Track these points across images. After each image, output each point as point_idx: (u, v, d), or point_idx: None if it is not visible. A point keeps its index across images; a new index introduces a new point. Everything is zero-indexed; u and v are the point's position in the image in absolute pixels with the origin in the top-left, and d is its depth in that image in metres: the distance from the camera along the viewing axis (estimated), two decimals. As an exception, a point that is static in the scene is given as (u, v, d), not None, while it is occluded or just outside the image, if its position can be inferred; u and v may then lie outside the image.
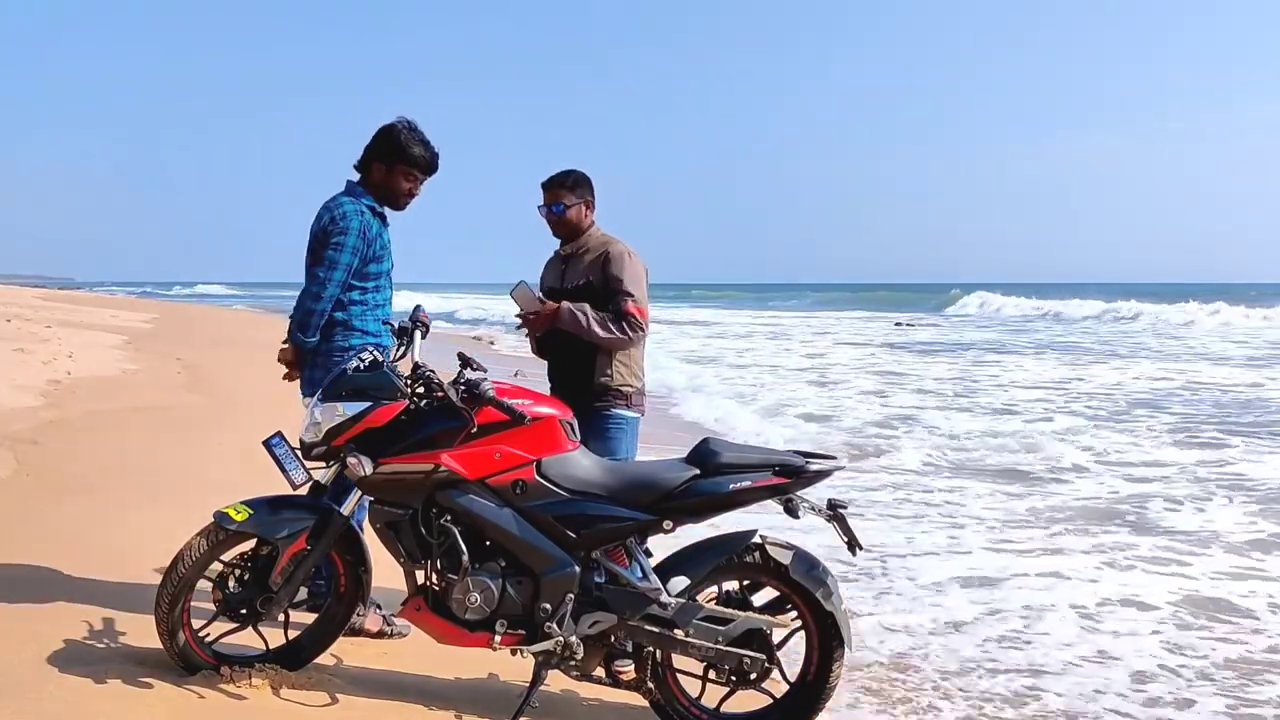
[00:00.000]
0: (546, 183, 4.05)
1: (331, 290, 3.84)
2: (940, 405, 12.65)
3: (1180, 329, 31.09)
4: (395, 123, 3.95)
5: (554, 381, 4.09)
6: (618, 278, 3.93)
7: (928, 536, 6.39)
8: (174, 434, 8.30)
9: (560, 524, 3.24)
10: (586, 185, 4.08)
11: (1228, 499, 7.40)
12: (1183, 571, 5.72)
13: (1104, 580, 5.52)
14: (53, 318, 20.77)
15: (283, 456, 3.32)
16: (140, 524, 5.30)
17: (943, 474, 8.46)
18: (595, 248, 4.03)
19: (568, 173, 4.06)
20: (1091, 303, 41.61)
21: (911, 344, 25.45)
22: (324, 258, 3.84)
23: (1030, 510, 7.14)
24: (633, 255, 4.00)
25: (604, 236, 4.08)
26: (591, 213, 4.11)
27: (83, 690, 3.11)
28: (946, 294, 56.56)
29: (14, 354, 12.28)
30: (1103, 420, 11.33)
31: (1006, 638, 4.71)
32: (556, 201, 4.02)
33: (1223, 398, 13.48)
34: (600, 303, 3.93)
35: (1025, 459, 9.00)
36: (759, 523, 3.57)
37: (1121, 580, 5.53)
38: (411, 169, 3.97)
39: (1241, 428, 10.76)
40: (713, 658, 3.31)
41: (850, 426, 10.86)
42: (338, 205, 3.91)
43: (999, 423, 11.08)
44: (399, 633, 3.98)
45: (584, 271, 4.00)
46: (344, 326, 3.92)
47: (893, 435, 10.28)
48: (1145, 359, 19.91)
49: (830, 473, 3.38)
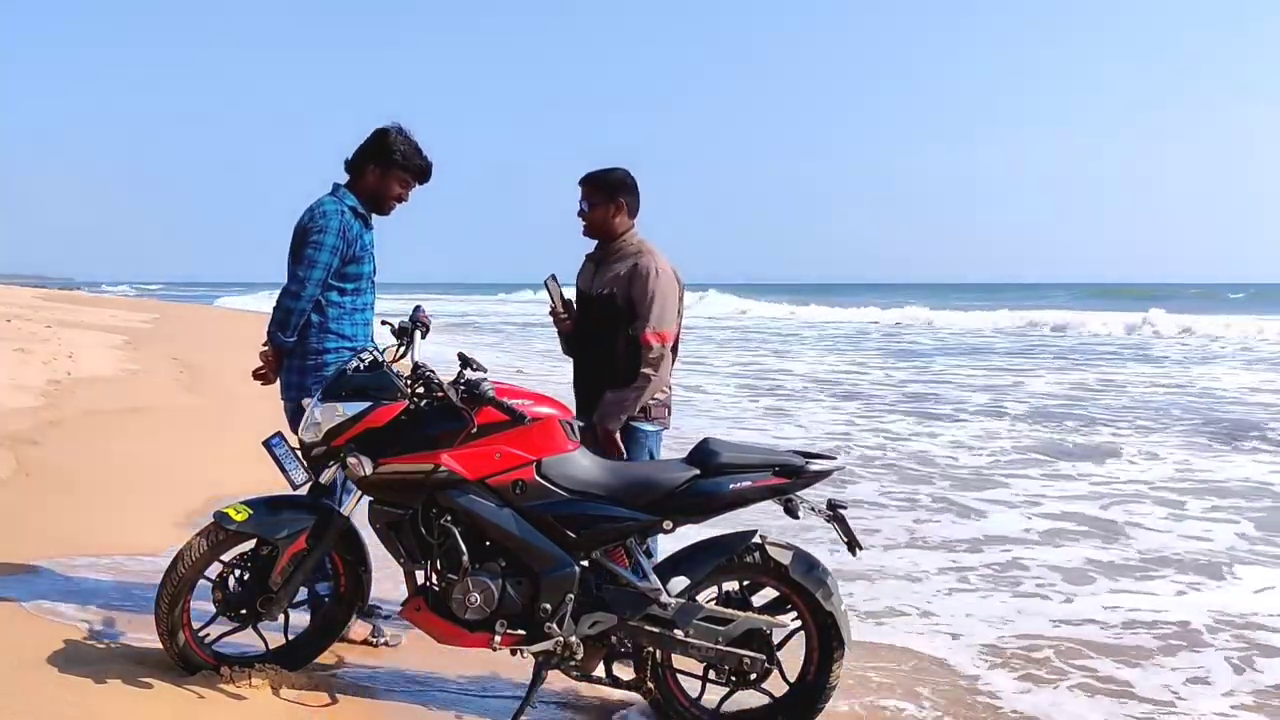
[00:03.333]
0: (582, 179, 3.98)
1: (310, 290, 3.79)
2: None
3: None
4: (390, 127, 3.91)
5: (578, 394, 4.04)
6: (640, 298, 3.82)
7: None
8: (174, 434, 8.30)
9: (560, 524, 3.24)
10: (625, 189, 3.95)
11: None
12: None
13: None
14: (53, 318, 20.77)
15: (283, 456, 3.32)
16: (140, 524, 5.31)
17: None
18: (627, 257, 3.91)
19: (607, 171, 3.95)
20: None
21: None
22: (303, 256, 3.79)
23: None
24: (660, 272, 3.85)
25: (638, 246, 3.95)
26: (625, 217, 3.96)
27: (83, 690, 3.11)
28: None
29: (14, 354, 12.28)
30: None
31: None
32: (585, 199, 3.94)
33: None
34: (625, 319, 3.84)
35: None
36: (759, 523, 3.57)
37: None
38: (407, 176, 3.94)
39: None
40: (713, 658, 3.30)
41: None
42: (319, 205, 3.87)
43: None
44: (385, 643, 3.92)
45: (611, 281, 3.90)
46: (319, 329, 3.86)
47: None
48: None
49: (830, 473, 3.38)
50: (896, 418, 11.30)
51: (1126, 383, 15.29)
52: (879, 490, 7.43)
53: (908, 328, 32.60)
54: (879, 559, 5.64)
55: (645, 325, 3.82)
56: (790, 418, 11.24)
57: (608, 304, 3.89)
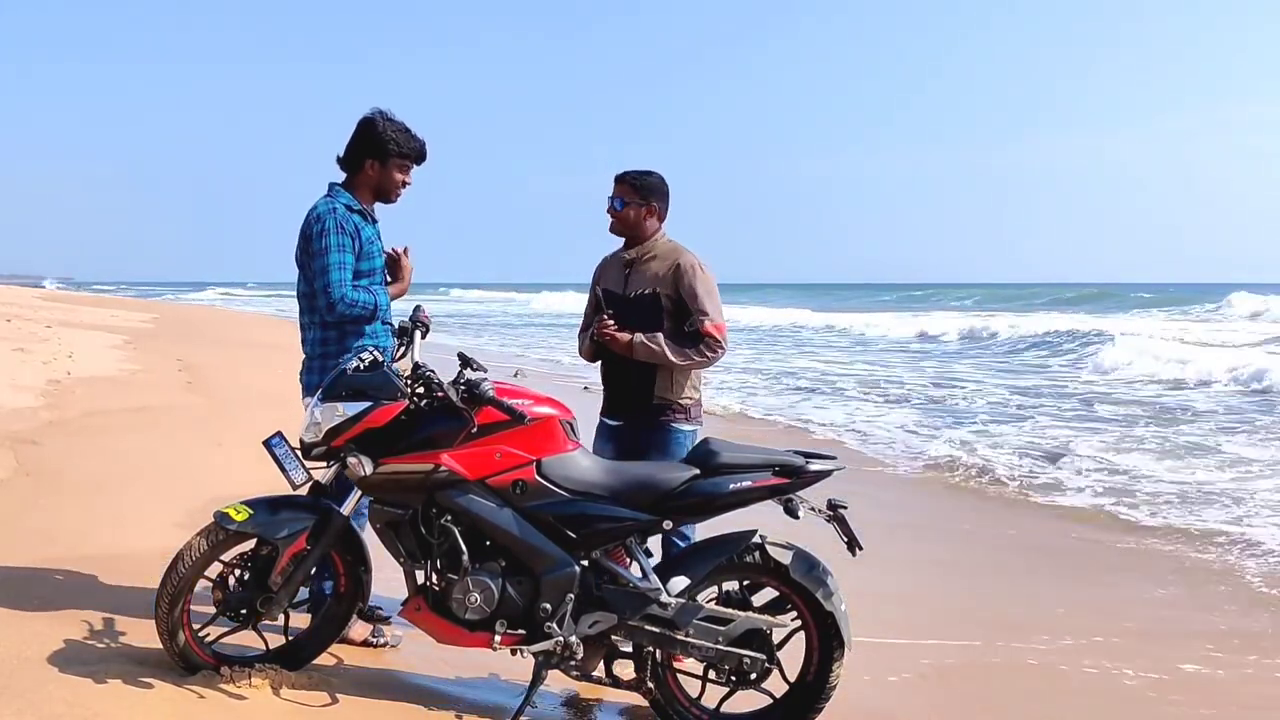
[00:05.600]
0: (618, 175, 3.99)
1: (340, 291, 3.71)
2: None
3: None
4: (374, 116, 3.86)
5: (610, 392, 4.03)
6: (693, 293, 3.86)
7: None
8: (174, 434, 8.29)
9: (560, 524, 3.24)
10: (659, 193, 3.97)
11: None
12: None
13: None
14: (53, 318, 20.78)
15: (283, 456, 3.32)
16: (140, 524, 5.30)
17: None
18: (663, 256, 3.94)
19: (645, 173, 3.98)
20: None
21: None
22: (317, 268, 3.74)
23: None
24: (704, 267, 3.92)
25: (672, 245, 3.99)
26: (656, 220, 3.99)
27: (83, 690, 3.11)
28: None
29: (14, 354, 12.28)
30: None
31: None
32: (619, 195, 3.95)
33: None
34: (672, 317, 3.88)
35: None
36: (759, 523, 3.57)
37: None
38: (405, 160, 3.92)
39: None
40: (713, 658, 3.30)
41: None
42: (311, 210, 3.83)
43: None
44: (385, 643, 3.92)
45: (650, 280, 3.91)
46: (339, 329, 3.82)
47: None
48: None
49: (830, 473, 3.37)
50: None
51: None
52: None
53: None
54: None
55: (707, 318, 3.86)
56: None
57: (651, 303, 3.89)
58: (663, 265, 3.92)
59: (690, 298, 3.86)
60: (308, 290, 3.85)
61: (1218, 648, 4.58)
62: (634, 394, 3.91)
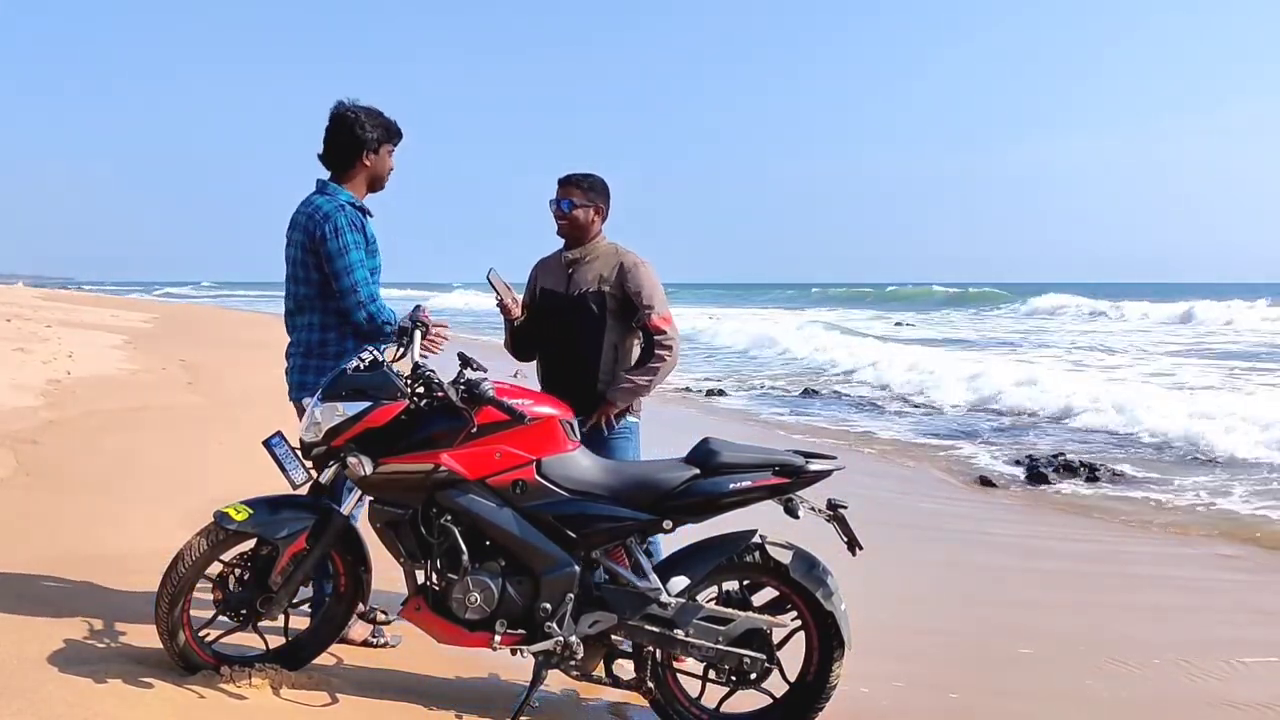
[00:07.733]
0: (563, 178, 4.03)
1: (366, 291, 3.69)
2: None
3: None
4: (346, 109, 3.81)
5: (550, 390, 4.00)
6: (636, 291, 3.93)
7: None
8: (174, 434, 8.30)
9: (560, 524, 3.24)
10: (602, 193, 4.04)
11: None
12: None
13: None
14: (53, 318, 20.78)
15: (283, 456, 3.32)
16: (140, 524, 5.31)
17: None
18: (605, 256, 4.01)
19: (587, 175, 4.04)
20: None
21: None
22: (344, 267, 3.69)
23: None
24: (646, 264, 4.00)
25: (612, 245, 4.06)
26: (601, 221, 4.07)
27: (83, 690, 3.10)
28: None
29: (14, 354, 12.28)
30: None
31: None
32: (566, 197, 3.99)
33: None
34: (617, 315, 3.93)
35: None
36: (759, 523, 3.57)
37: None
38: (393, 145, 3.91)
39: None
40: (713, 658, 3.30)
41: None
42: (316, 210, 3.76)
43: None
44: (385, 644, 3.92)
45: (594, 280, 3.96)
46: (339, 329, 3.79)
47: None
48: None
49: (830, 473, 3.37)
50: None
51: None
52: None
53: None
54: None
55: (653, 311, 3.94)
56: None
57: (596, 302, 3.93)
58: (606, 265, 3.98)
59: (636, 294, 3.93)
60: (311, 292, 3.81)
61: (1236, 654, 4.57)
62: (574, 389, 3.88)
